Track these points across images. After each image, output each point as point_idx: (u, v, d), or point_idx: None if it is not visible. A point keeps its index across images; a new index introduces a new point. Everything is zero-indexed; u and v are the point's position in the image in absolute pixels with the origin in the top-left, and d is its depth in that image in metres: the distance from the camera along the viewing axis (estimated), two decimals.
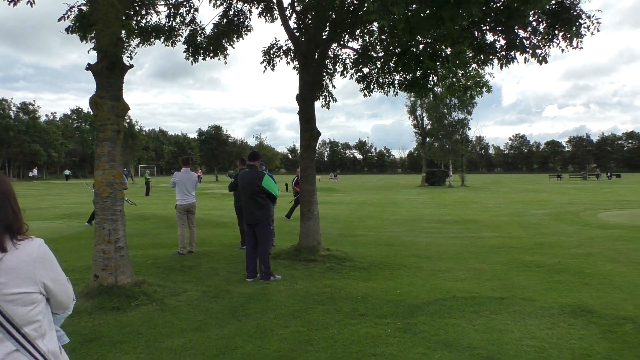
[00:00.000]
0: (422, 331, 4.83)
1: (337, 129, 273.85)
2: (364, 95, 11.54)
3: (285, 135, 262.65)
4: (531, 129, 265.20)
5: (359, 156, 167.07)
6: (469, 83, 10.99)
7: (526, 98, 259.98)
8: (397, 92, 11.29)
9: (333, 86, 11.45)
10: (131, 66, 5.92)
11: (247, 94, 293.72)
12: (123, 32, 9.52)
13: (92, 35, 6.61)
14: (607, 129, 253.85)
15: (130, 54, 9.15)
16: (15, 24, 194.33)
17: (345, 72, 11.35)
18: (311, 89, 8.67)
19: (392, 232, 12.90)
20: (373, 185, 50.74)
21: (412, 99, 48.17)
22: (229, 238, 11.54)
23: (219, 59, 11.35)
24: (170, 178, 10.44)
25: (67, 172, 65.91)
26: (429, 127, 48.06)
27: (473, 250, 9.79)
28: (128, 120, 54.98)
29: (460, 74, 10.83)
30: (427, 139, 48.80)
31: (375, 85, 11.43)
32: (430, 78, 10.16)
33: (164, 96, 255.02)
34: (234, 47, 11.08)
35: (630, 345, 4.41)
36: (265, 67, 10.47)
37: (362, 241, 11.24)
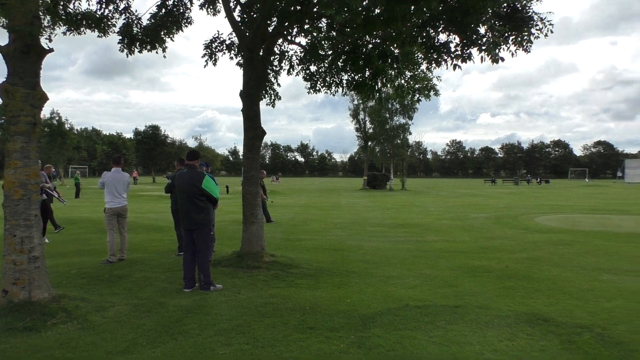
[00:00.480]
0: (377, 345, 4.46)
1: (279, 132, 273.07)
2: (308, 92, 11.18)
3: (226, 137, 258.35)
4: (466, 136, 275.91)
5: (300, 159, 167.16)
6: (417, 86, 10.87)
7: (462, 106, 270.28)
8: (345, 92, 10.99)
9: (278, 84, 11.00)
10: (51, 50, 5.18)
11: (188, 94, 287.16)
12: (48, 17, 8.69)
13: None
14: (535, 137, 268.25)
15: (49, 36, 8.21)
16: None
17: (291, 70, 10.92)
18: (256, 85, 8.16)
19: (338, 236, 12.58)
20: (315, 188, 50.58)
21: (355, 102, 48.52)
22: (165, 243, 10.77)
23: (157, 52, 10.61)
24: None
25: None
26: (371, 131, 48.46)
27: (420, 255, 9.61)
28: (57, 118, 51.75)
29: (409, 76, 10.68)
30: (369, 143, 49.19)
31: (322, 85, 11.09)
32: (379, 79, 9.93)
33: (98, 94, 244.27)
34: (173, 40, 10.36)
35: (592, 356, 4.23)
36: (206, 61, 9.84)
37: (308, 246, 10.82)
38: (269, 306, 5.75)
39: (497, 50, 6.86)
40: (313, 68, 10.89)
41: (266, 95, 10.87)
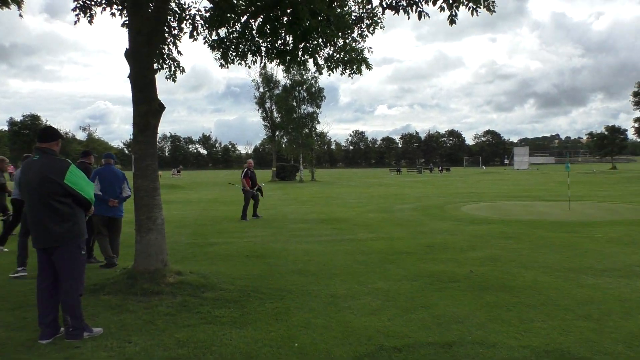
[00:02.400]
0: None
1: (179, 124, 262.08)
2: (221, 66, 9.04)
3: (121, 129, 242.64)
4: (365, 127, 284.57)
5: (203, 151, 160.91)
6: (347, 57, 9.12)
7: (360, 98, 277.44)
8: (264, 63, 8.97)
9: (179, 52, 8.73)
10: None
11: (76, 84, 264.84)
12: None
13: None
14: (428, 127, 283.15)
15: None
16: None
17: (195, 34, 8.69)
18: (147, 42, 5.88)
19: (257, 237, 10.56)
20: (221, 181, 47.54)
21: (261, 90, 46.30)
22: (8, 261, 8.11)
23: (10, 9, 8.02)
24: None
25: None
26: (278, 120, 46.51)
27: (363, 260, 7.92)
28: None
29: (340, 44, 8.90)
30: (277, 133, 47.23)
31: (234, 55, 8.99)
32: (305, 46, 8.05)
33: None
34: None
35: None
36: (77, 16, 7.34)
37: (223, 252, 8.71)
38: None
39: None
40: (223, 32, 8.76)
41: (164, 65, 8.57)
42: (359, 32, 8.96)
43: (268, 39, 8.49)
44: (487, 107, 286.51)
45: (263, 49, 8.63)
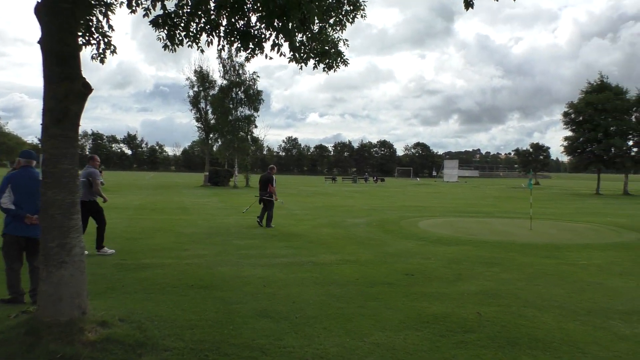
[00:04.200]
0: None
1: (102, 121, 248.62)
2: (165, 47, 7.28)
3: (36, 124, 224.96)
4: (297, 134, 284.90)
5: (127, 151, 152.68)
6: (326, 47, 7.70)
7: (293, 105, 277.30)
8: (223, 46, 7.31)
9: (110, 27, 6.88)
10: None
11: None
12: None
13: None
14: (358, 137, 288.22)
15: None
16: None
17: (133, 5, 6.89)
18: None
19: (201, 258, 8.80)
20: (148, 184, 44.30)
21: (196, 89, 43.75)
22: None
23: None
24: None
25: None
26: (213, 122, 44.08)
27: (338, 293, 6.46)
28: None
29: (315, 30, 7.47)
30: (211, 135, 44.77)
31: (183, 34, 7.28)
32: (284, 25, 6.50)
33: None
34: None
35: None
36: None
37: (160, 280, 6.93)
38: None
39: None
40: (170, 5, 7.03)
41: (91, 40, 6.70)
42: (337, 18, 7.55)
43: (229, 16, 6.88)
44: (415, 120, 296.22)
45: (222, 28, 6.99)
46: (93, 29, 6.64)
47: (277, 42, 6.59)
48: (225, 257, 9.00)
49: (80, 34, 6.22)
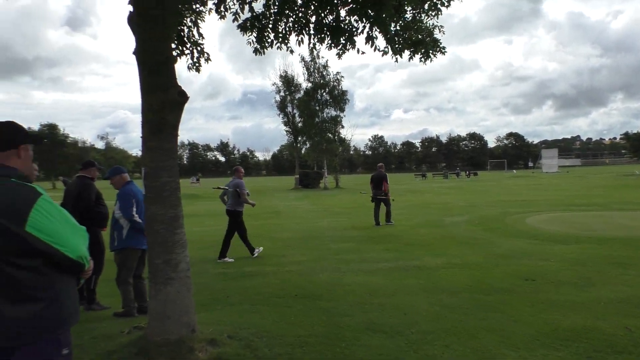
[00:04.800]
0: None
1: (197, 131, 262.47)
2: (255, 52, 7.13)
3: (140, 138, 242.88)
4: (382, 131, 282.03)
5: (221, 158, 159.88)
6: (420, 36, 7.14)
7: (376, 103, 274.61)
8: (313, 44, 7.02)
9: (201, 35, 6.82)
10: None
11: (96, 94, 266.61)
12: None
13: None
14: (445, 131, 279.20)
15: None
16: None
17: (222, 10, 6.80)
18: (159, 1, 3.95)
19: (300, 265, 8.58)
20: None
21: (282, 94, 44.43)
22: None
23: None
24: None
25: None
26: (300, 124, 44.60)
27: (451, 303, 5.88)
28: None
29: (408, 19, 6.93)
30: (299, 138, 45.33)
31: (271, 35, 7.09)
32: (378, 15, 6.06)
33: None
34: None
35: None
36: None
37: (263, 289, 6.75)
38: None
39: None
40: (259, 6, 6.85)
41: (184, 50, 6.68)
42: (431, 2, 6.96)
43: (317, 12, 6.56)
44: (504, 109, 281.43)
45: (311, 25, 6.69)
46: (185, 38, 6.62)
47: (371, 34, 6.17)
48: (324, 263, 8.71)
49: (173, 45, 6.21)
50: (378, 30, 6.14)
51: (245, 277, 7.71)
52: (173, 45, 5.79)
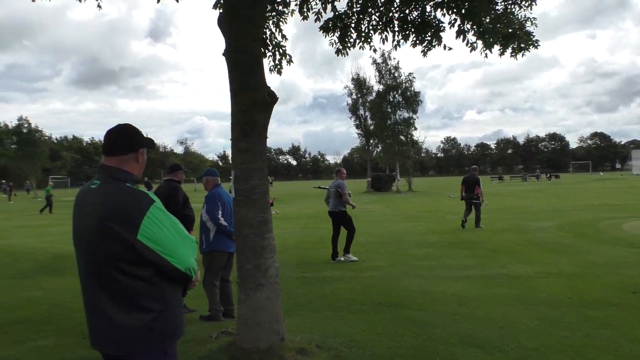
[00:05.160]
0: None
1: (270, 136, 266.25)
2: (337, 52, 6.99)
3: (216, 143, 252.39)
4: (454, 133, 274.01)
5: (293, 162, 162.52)
6: (509, 30, 6.69)
7: (447, 104, 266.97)
8: (397, 43, 6.76)
9: (284, 36, 6.76)
10: None
11: (175, 101, 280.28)
12: None
13: None
14: (522, 132, 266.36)
15: None
16: None
17: (306, 10, 6.71)
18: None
19: (380, 270, 8.33)
20: (315, 193, 46.07)
21: (354, 96, 44.29)
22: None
23: None
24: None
25: None
26: (372, 127, 44.23)
27: (552, 316, 5.40)
28: (27, 126, 46.61)
29: (500, 11, 6.52)
30: (371, 140, 44.97)
31: (355, 35, 6.92)
32: (470, 8, 5.71)
33: (85, 104, 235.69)
34: None
35: None
36: None
37: (344, 295, 6.57)
38: None
39: None
40: (342, 5, 6.71)
41: (267, 52, 6.64)
42: None
43: (401, 8, 6.31)
44: (587, 108, 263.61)
45: (396, 23, 6.44)
46: (267, 40, 6.59)
47: (462, 27, 5.82)
48: (405, 269, 8.40)
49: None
50: (469, 23, 5.79)
51: (325, 282, 7.57)
52: None
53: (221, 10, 4.01)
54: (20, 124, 45.23)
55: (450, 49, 6.70)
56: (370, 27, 6.65)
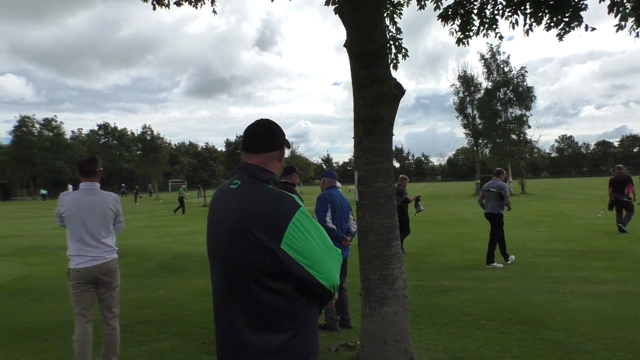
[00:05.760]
0: None
1: None
2: (458, 42, 6.43)
3: (319, 146, 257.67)
4: (569, 131, 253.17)
5: (396, 164, 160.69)
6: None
7: (561, 100, 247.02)
8: (529, 27, 6.06)
9: (398, 29, 6.33)
10: None
11: (281, 107, 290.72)
12: None
13: None
14: None
15: None
16: (58, 51, 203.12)
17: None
18: None
19: (503, 281, 7.58)
20: (422, 195, 44.90)
21: (461, 95, 42.46)
22: None
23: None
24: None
25: (43, 191, 60.34)
26: (481, 126, 42.05)
27: None
28: (149, 132, 50.76)
29: None
30: (480, 140, 42.79)
31: (477, 21, 6.32)
32: None
33: (199, 112, 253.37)
34: None
35: None
36: None
37: (468, 309, 5.98)
38: None
39: None
40: None
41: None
42: None
43: None
44: None
45: (528, 4, 5.75)
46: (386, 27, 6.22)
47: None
48: (533, 281, 7.57)
49: None
50: None
51: (445, 293, 7.01)
52: None
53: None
54: (144, 132, 49.42)
55: (593, 29, 5.85)
56: (496, 12, 6.02)
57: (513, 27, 5.92)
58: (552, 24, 5.81)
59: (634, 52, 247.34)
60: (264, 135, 1.93)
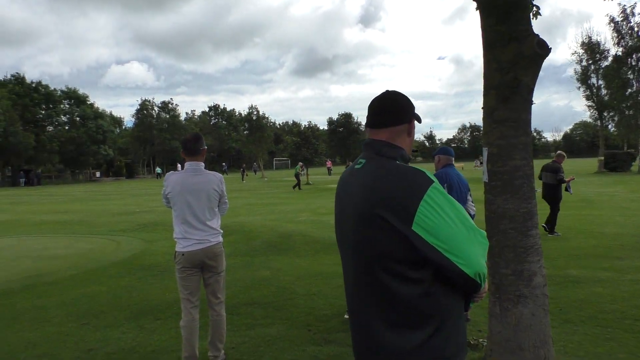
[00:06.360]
0: None
1: (477, 114, 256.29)
2: None
3: (421, 123, 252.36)
4: None
5: None
6: None
7: None
8: None
9: None
10: None
11: (383, 84, 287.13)
12: None
13: None
14: None
15: None
16: (175, 37, 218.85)
17: None
18: None
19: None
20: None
21: (584, 63, 38.60)
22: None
23: None
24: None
25: (158, 169, 67.38)
26: (606, 98, 37.96)
27: None
28: (255, 113, 52.66)
29: None
30: (605, 114, 38.70)
31: None
32: None
33: (302, 92, 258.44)
34: None
35: None
36: None
37: (608, 308, 5.18)
38: None
39: None
40: None
41: None
42: None
43: None
44: None
45: None
46: None
47: None
48: None
49: None
50: None
51: (575, 284, 6.18)
52: None
53: None
54: (250, 112, 51.25)
55: None
56: None
57: None
58: None
59: None
60: (392, 108, 1.73)
